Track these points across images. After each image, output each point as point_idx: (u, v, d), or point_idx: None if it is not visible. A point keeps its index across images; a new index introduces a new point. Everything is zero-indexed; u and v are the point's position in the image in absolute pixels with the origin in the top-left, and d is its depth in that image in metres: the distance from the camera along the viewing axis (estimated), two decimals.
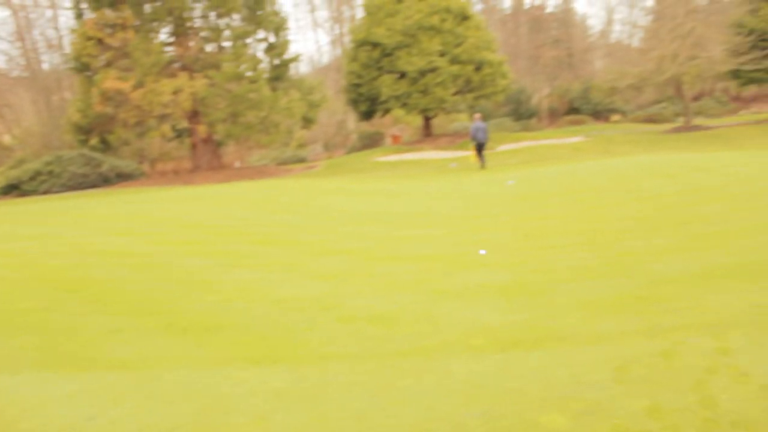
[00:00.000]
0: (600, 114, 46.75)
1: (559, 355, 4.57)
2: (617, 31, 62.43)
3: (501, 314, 5.50)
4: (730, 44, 27.96)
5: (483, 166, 22.79)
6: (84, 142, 27.36)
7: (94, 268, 8.46)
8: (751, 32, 28.61)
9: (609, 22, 60.84)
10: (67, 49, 38.40)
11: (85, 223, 13.45)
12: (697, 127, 30.57)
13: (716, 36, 28.54)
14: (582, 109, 46.93)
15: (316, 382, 4.46)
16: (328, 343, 5.17)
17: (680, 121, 34.70)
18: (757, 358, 4.24)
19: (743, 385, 3.93)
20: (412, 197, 15.15)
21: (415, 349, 4.88)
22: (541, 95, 53.63)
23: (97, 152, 27.98)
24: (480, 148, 22.97)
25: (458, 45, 30.24)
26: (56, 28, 44.76)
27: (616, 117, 44.91)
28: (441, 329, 5.25)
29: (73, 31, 27.88)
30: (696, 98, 44.06)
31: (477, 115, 23.63)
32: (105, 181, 27.97)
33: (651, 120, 40.77)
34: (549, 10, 63.58)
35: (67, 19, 57.14)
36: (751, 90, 45.53)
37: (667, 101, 45.49)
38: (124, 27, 25.08)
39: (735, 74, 31.79)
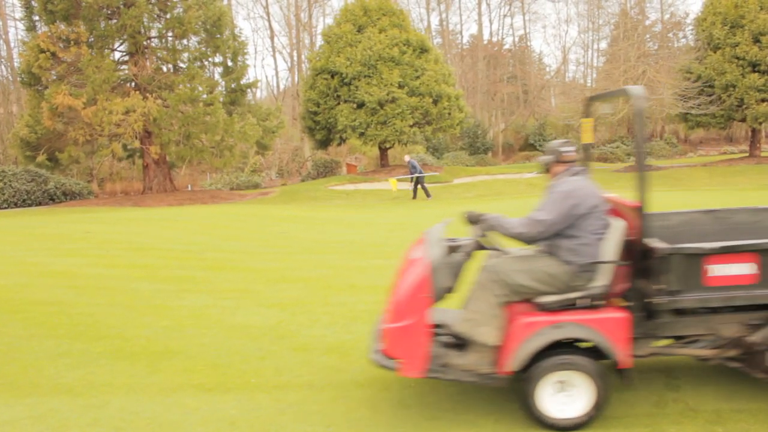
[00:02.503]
0: None
1: (512, 387, 4.58)
2: (572, 71, 64.20)
3: None
4: (678, 89, 28.96)
5: (415, 197, 24.42)
6: (31, 158, 26.61)
7: (39, 290, 8.21)
8: (698, 78, 29.69)
9: (564, 61, 62.49)
10: (17, 61, 37.63)
11: (31, 242, 13.07)
12: (648, 167, 31.23)
13: (666, 80, 29.54)
14: (537, 145, 47.83)
15: (270, 411, 4.38)
16: (283, 373, 5.10)
17: (632, 161, 35.64)
18: (703, 395, 4.34)
19: (691, 419, 4.02)
20: (368, 227, 15.15)
21: (370, 380, 4.84)
22: (496, 130, 54.56)
23: (45, 169, 27.29)
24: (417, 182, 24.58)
25: (417, 77, 30.56)
26: (4, 40, 43.85)
27: None
28: None
29: (24, 43, 27.29)
30: (647, 139, 45.34)
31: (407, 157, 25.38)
32: (51, 199, 27.23)
33: (603, 158, 41.77)
34: (506, 47, 65.06)
35: (16, 30, 56.12)
36: (699, 133, 47.15)
37: (619, 141, 46.72)
38: (77, 42, 24.63)
39: (684, 118, 32.87)
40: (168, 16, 26.75)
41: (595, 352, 3.88)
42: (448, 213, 16.98)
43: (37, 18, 26.95)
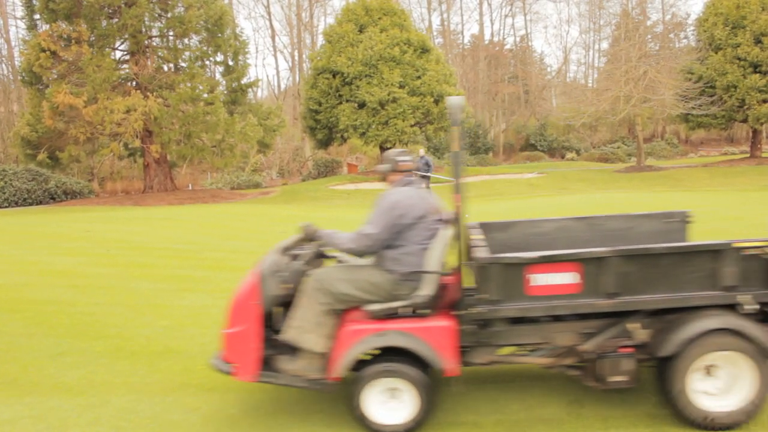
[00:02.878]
0: (555, 151, 47.68)
1: (514, 388, 4.58)
2: (574, 71, 64.16)
3: None
4: (679, 89, 28.91)
5: None
6: (32, 157, 26.63)
7: (39, 289, 8.19)
8: (699, 79, 29.64)
9: (566, 61, 62.46)
10: (17, 60, 37.61)
11: (30, 241, 13.04)
12: (649, 168, 31.41)
13: (667, 81, 29.46)
14: (538, 145, 47.80)
15: (270, 410, 4.37)
16: None
17: (633, 161, 35.60)
18: None
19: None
20: None
21: None
22: (497, 130, 54.52)
23: (46, 168, 27.31)
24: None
25: (418, 77, 30.57)
26: (5, 39, 43.83)
27: (571, 154, 45.85)
28: None
29: (25, 42, 27.29)
30: (648, 140, 45.31)
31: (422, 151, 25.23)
32: (51, 198, 27.24)
33: (604, 159, 41.73)
34: (507, 47, 65.03)
35: (17, 29, 56.05)
36: (700, 134, 47.11)
37: (620, 141, 46.72)
38: (78, 41, 24.64)
39: (684, 118, 32.85)
40: (169, 15, 26.75)
41: (423, 361, 3.94)
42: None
43: (38, 17, 26.95)
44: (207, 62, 29.28)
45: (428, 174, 24.19)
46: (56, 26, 24.95)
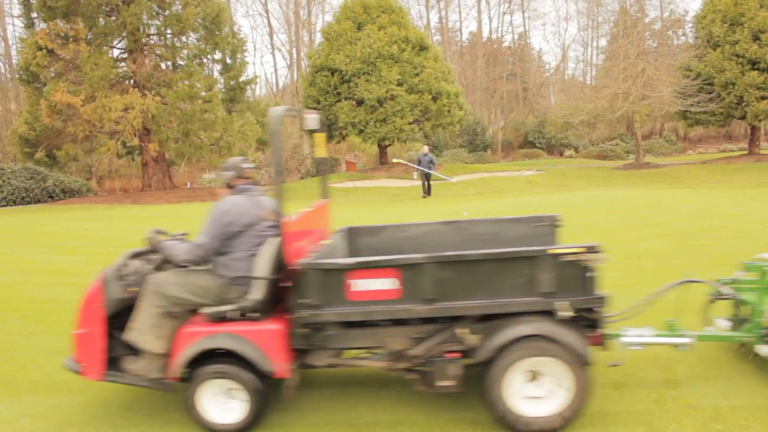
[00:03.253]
0: (554, 148, 47.62)
1: None
2: (572, 68, 64.10)
3: None
4: (678, 86, 28.85)
5: (430, 194, 24.38)
6: (30, 156, 26.60)
7: (37, 287, 8.20)
8: (697, 76, 29.58)
9: (564, 59, 62.43)
10: (15, 58, 37.51)
11: (29, 239, 13.04)
12: (647, 165, 31.36)
13: (665, 78, 29.41)
14: (536, 142, 47.75)
15: (270, 409, 4.37)
16: None
17: (631, 159, 35.56)
18: (702, 392, 4.33)
19: (690, 416, 4.01)
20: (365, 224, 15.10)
21: (370, 379, 4.84)
22: (496, 128, 54.47)
23: (44, 166, 27.27)
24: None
25: (416, 75, 30.53)
26: (2, 37, 43.65)
27: (569, 152, 45.80)
28: None
29: (22, 40, 27.24)
30: (646, 137, 45.27)
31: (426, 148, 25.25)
32: (50, 196, 27.20)
33: (603, 156, 41.66)
34: (506, 44, 64.95)
35: (14, 28, 55.81)
36: (698, 131, 47.04)
37: (618, 138, 46.67)
38: (76, 39, 24.61)
39: (683, 115, 32.79)
40: (167, 13, 26.71)
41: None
42: (446, 211, 16.99)
43: (35, 15, 26.89)
44: (205, 60, 29.27)
45: (431, 171, 24.17)
46: (54, 24, 24.91)
